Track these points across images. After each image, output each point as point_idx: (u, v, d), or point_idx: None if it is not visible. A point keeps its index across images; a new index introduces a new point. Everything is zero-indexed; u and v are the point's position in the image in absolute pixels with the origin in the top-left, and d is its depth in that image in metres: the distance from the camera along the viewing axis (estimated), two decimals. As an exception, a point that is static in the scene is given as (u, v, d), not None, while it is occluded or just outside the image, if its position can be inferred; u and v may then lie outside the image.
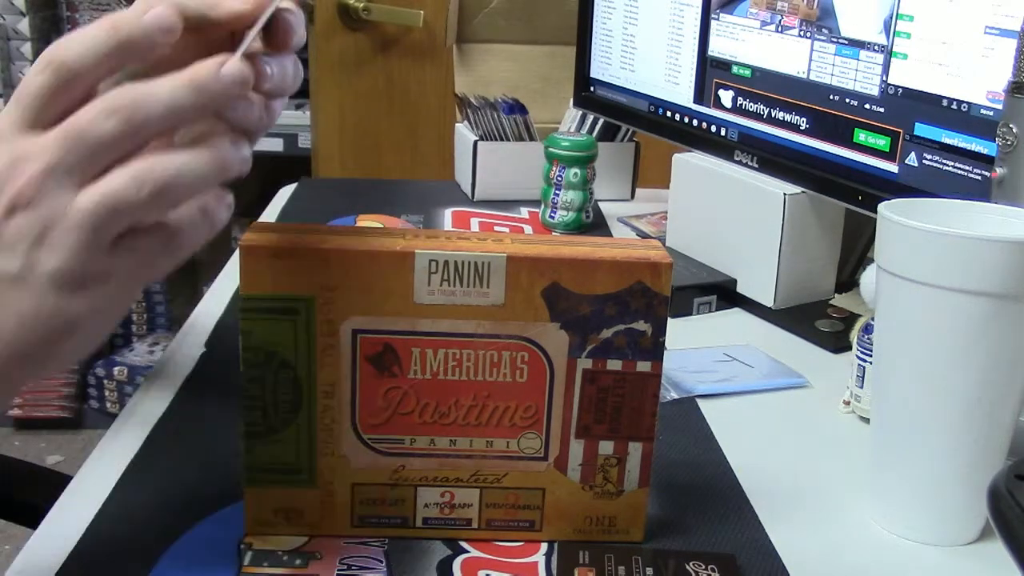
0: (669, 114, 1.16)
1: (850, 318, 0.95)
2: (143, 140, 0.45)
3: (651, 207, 1.34)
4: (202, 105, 0.45)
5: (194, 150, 0.45)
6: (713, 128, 1.09)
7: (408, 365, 0.56)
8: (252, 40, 0.47)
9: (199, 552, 0.58)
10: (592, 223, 1.24)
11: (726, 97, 1.06)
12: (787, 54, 0.97)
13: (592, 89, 1.30)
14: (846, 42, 0.91)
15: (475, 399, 0.57)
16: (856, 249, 1.06)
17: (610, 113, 1.28)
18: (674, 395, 0.80)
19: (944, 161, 0.83)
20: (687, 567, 0.58)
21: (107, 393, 2.62)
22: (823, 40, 0.93)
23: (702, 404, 0.80)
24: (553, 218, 1.22)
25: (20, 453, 2.50)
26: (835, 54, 0.92)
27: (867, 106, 0.90)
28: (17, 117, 0.45)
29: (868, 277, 0.73)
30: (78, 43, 0.45)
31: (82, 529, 0.59)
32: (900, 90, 0.86)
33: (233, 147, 0.47)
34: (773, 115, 1.00)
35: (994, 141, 0.70)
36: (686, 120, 1.13)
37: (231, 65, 0.45)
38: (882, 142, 0.89)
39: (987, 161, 0.79)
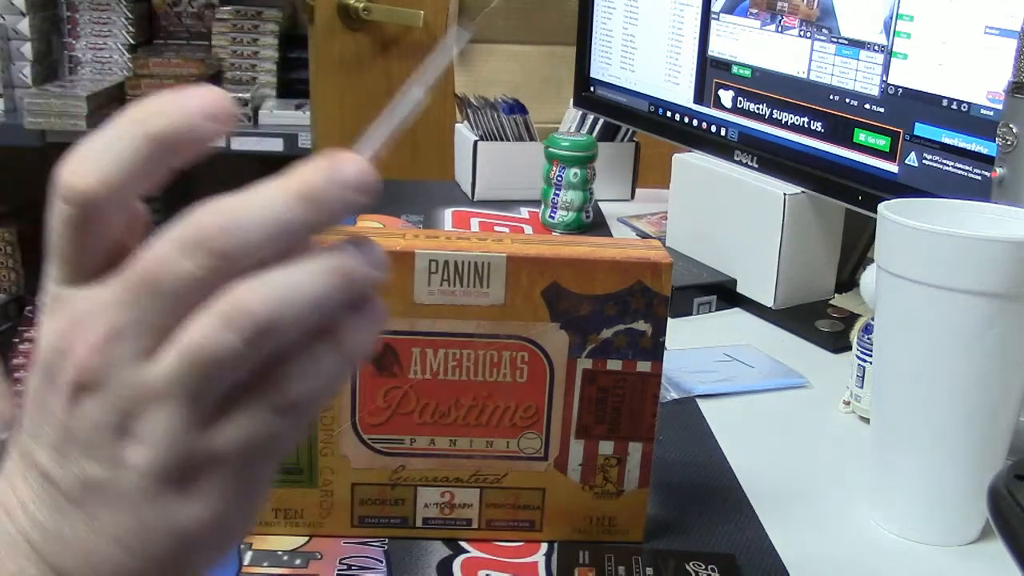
0: (669, 114, 1.16)
1: (850, 318, 0.95)
2: (233, 278, 0.31)
3: (651, 207, 1.34)
4: (315, 222, 0.33)
5: (300, 263, 0.33)
6: (713, 128, 1.09)
7: (408, 365, 0.56)
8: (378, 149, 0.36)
9: (199, 552, 0.58)
10: (592, 223, 1.24)
11: (726, 97, 1.06)
12: (787, 54, 0.97)
13: (592, 89, 1.30)
14: (846, 42, 0.91)
15: (475, 399, 0.57)
16: (856, 249, 1.06)
17: (610, 113, 1.28)
18: (674, 395, 0.80)
19: (944, 161, 0.83)
20: (687, 567, 0.58)
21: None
22: (823, 40, 0.93)
23: (702, 404, 0.80)
24: (553, 218, 1.22)
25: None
26: (835, 54, 0.92)
27: (867, 106, 0.90)
28: (56, 272, 0.33)
29: (868, 277, 0.73)
30: (94, 158, 0.32)
31: (82, 529, 0.59)
32: (900, 90, 0.86)
33: (355, 247, 0.34)
34: (773, 115, 1.00)
35: (994, 141, 0.70)
36: (686, 120, 1.13)
37: (354, 160, 0.33)
38: (882, 142, 0.89)
39: (987, 161, 0.79)
